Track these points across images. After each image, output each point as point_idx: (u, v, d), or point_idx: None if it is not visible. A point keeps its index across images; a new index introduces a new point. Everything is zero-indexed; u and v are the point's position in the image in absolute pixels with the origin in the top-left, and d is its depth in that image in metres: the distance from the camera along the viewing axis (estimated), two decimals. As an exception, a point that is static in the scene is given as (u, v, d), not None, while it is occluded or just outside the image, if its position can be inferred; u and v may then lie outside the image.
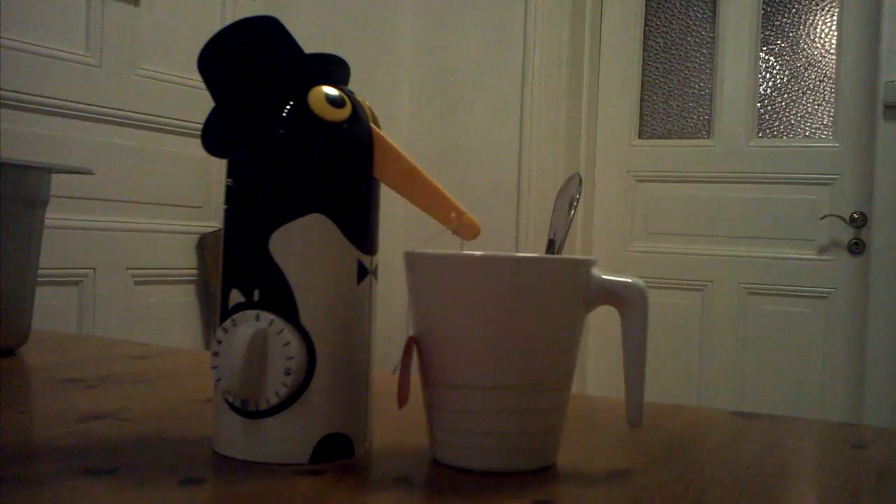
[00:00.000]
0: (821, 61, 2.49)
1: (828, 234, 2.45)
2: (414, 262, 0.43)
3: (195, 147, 2.06)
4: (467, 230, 0.44)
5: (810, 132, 2.50)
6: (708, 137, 2.61)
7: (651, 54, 2.70)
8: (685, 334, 2.60)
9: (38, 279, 0.78)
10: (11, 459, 0.41)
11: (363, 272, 0.44)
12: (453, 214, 0.44)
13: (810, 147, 2.48)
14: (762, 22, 2.54)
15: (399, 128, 2.70)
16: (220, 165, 2.06)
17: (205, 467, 0.41)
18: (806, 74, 2.50)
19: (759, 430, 0.55)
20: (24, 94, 1.75)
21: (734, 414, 0.60)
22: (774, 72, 2.55)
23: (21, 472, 0.39)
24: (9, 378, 0.64)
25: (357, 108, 0.44)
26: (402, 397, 0.43)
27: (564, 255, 0.46)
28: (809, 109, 2.50)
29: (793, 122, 2.52)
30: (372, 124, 0.44)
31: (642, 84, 2.70)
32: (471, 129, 2.67)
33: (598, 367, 2.63)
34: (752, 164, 2.54)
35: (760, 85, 2.56)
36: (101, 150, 1.90)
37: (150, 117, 2.00)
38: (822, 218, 2.44)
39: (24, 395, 0.60)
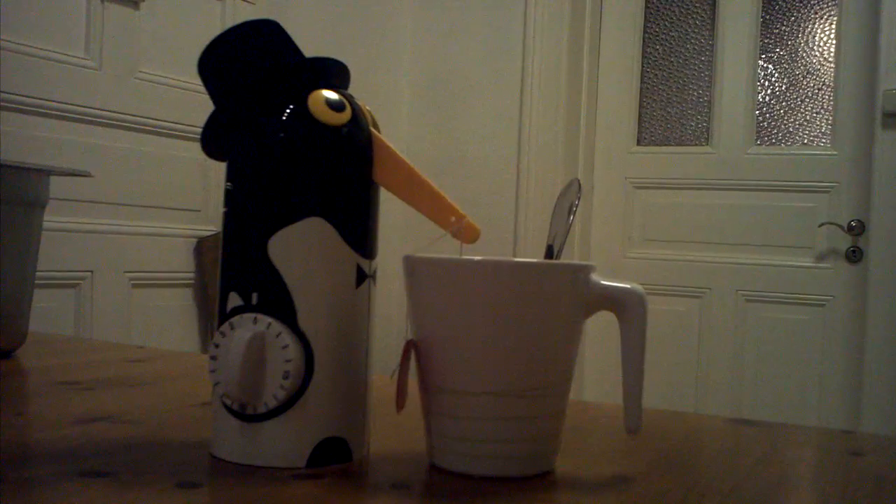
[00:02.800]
0: (819, 69, 2.49)
1: (826, 241, 2.45)
2: (413, 266, 0.43)
3: (194, 150, 2.06)
4: (467, 234, 0.44)
5: (808, 140, 2.50)
6: (706, 144, 2.62)
7: (650, 61, 2.70)
8: (683, 341, 2.60)
9: (36, 281, 0.78)
10: (8, 462, 0.41)
11: (362, 276, 0.44)
12: (453, 218, 0.44)
13: (808, 155, 2.48)
14: (761, 30, 2.55)
15: (398, 133, 2.70)
16: (218, 169, 2.05)
17: (202, 471, 0.41)
18: (804, 82, 2.51)
19: (758, 437, 0.55)
20: (24, 96, 1.75)
21: (732, 421, 0.60)
22: (773, 79, 2.55)
23: (17, 475, 0.39)
24: (6, 380, 0.64)
25: (357, 113, 0.44)
26: (401, 401, 0.43)
27: (563, 260, 0.46)
28: (808, 117, 2.50)
29: (791, 129, 2.53)
30: (372, 129, 0.44)
31: (641, 91, 2.70)
32: (470, 134, 2.68)
33: (595, 373, 2.62)
34: (750, 172, 2.54)
35: (759, 92, 2.56)
36: (99, 152, 1.90)
37: (149, 120, 2.00)
38: (820, 225, 2.44)
39: (21, 398, 0.60)
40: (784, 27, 2.53)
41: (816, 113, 2.49)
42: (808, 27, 2.50)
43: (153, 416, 0.52)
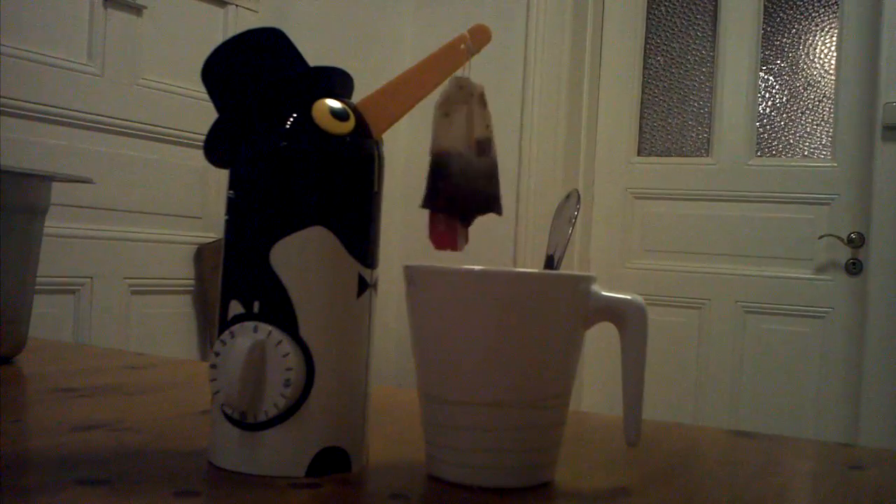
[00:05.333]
0: (820, 81, 2.50)
1: (825, 253, 2.45)
2: (413, 276, 0.43)
3: (195, 157, 2.06)
4: (480, 38, 0.43)
5: (809, 152, 2.51)
6: (707, 156, 2.62)
7: (651, 72, 2.71)
8: (682, 352, 2.60)
9: (36, 287, 0.77)
10: (5, 469, 0.41)
11: (363, 286, 0.44)
12: (462, 46, 0.43)
13: (809, 167, 2.48)
14: (762, 42, 2.56)
15: (398, 142, 2.70)
16: (218, 176, 2.06)
17: (200, 479, 0.41)
18: (805, 94, 2.51)
19: (757, 449, 0.55)
20: (25, 102, 1.75)
21: (732, 433, 0.60)
22: (774, 91, 2.56)
23: (15, 482, 0.39)
24: (4, 387, 0.64)
25: (360, 122, 0.44)
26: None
27: (563, 271, 0.46)
28: (808, 129, 2.51)
29: (792, 141, 2.53)
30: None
31: (642, 102, 2.71)
32: (470, 143, 2.67)
33: (594, 384, 2.62)
34: (750, 183, 2.54)
35: (760, 104, 2.56)
36: (101, 159, 1.90)
37: (151, 127, 2.00)
38: (820, 237, 2.44)
39: (20, 404, 0.59)
40: (785, 39, 2.54)
41: (817, 125, 2.50)
42: (808, 39, 2.51)
43: (151, 424, 0.52)
